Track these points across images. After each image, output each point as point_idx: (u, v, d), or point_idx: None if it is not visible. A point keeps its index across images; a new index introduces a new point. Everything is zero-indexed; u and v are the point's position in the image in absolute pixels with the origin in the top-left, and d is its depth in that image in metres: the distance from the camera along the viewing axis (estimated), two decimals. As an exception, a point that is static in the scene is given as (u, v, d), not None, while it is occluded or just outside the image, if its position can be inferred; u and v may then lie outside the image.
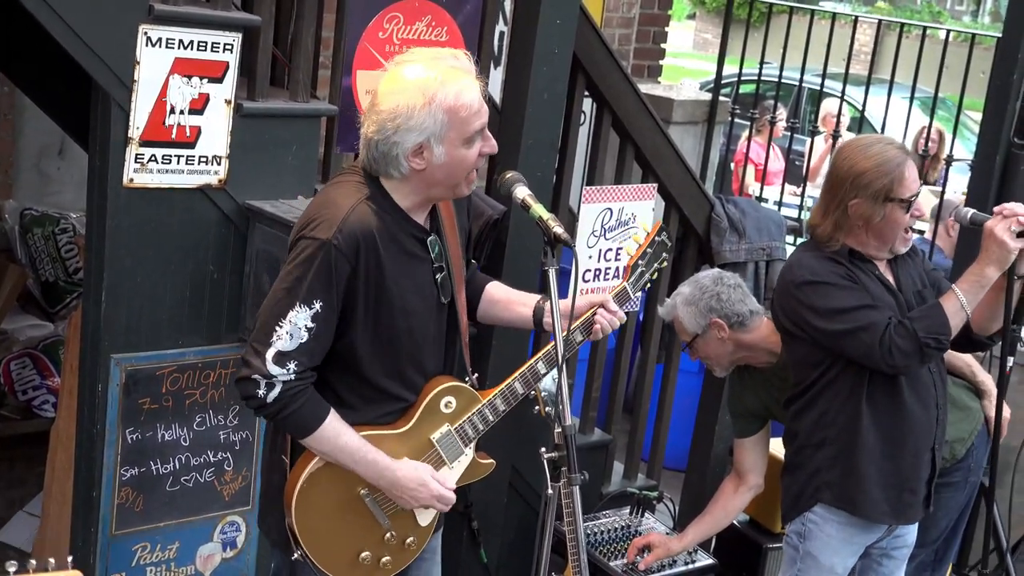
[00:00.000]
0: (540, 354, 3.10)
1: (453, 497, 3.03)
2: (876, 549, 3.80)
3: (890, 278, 3.62)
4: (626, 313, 4.72)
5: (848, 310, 3.49)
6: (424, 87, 2.77)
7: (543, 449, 2.93)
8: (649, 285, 3.39)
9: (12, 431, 5.11)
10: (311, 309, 2.77)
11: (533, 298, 3.24)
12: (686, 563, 4.31)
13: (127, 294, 3.55)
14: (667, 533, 4.37)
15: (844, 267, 3.54)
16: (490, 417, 3.08)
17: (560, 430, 2.90)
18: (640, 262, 3.32)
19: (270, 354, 2.77)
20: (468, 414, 3.06)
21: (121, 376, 3.59)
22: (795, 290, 3.58)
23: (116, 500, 3.67)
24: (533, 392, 3.22)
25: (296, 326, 2.77)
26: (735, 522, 4.46)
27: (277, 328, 2.77)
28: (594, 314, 3.16)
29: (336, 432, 2.87)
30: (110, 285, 3.52)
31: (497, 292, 3.29)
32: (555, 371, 3.05)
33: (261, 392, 2.80)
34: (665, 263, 3.39)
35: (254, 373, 2.79)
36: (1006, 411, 4.11)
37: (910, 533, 3.83)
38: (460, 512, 4.27)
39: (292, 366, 2.79)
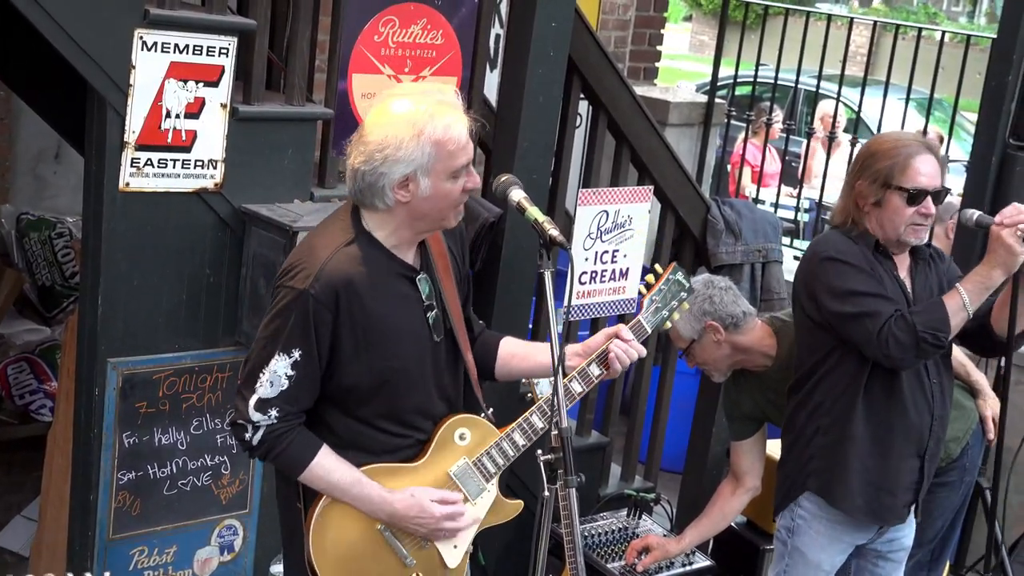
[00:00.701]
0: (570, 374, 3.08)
1: (462, 511, 2.99)
2: (869, 550, 3.81)
3: (908, 283, 3.61)
4: (620, 316, 4.75)
5: (859, 294, 3.48)
6: (414, 120, 2.78)
7: (540, 451, 2.92)
8: (668, 325, 3.32)
9: (9, 435, 5.12)
10: (290, 358, 2.80)
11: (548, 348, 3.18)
12: (684, 565, 4.31)
13: (123, 298, 3.55)
14: (664, 535, 4.37)
15: (868, 255, 3.54)
16: (510, 452, 3.06)
17: (557, 432, 2.90)
18: (655, 297, 3.26)
19: (252, 401, 2.82)
20: (486, 447, 3.04)
21: (118, 380, 3.59)
22: (817, 263, 3.58)
23: (113, 504, 3.67)
24: (530, 395, 3.22)
25: (276, 374, 2.81)
26: (733, 524, 4.46)
27: (260, 376, 2.82)
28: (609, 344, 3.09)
29: (327, 470, 2.88)
30: (106, 289, 3.52)
31: (515, 347, 3.24)
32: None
33: (248, 436, 2.85)
34: (685, 303, 3.31)
35: (239, 418, 2.85)
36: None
37: (906, 536, 3.83)
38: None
39: (274, 412, 2.82)
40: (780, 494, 3.81)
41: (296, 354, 2.80)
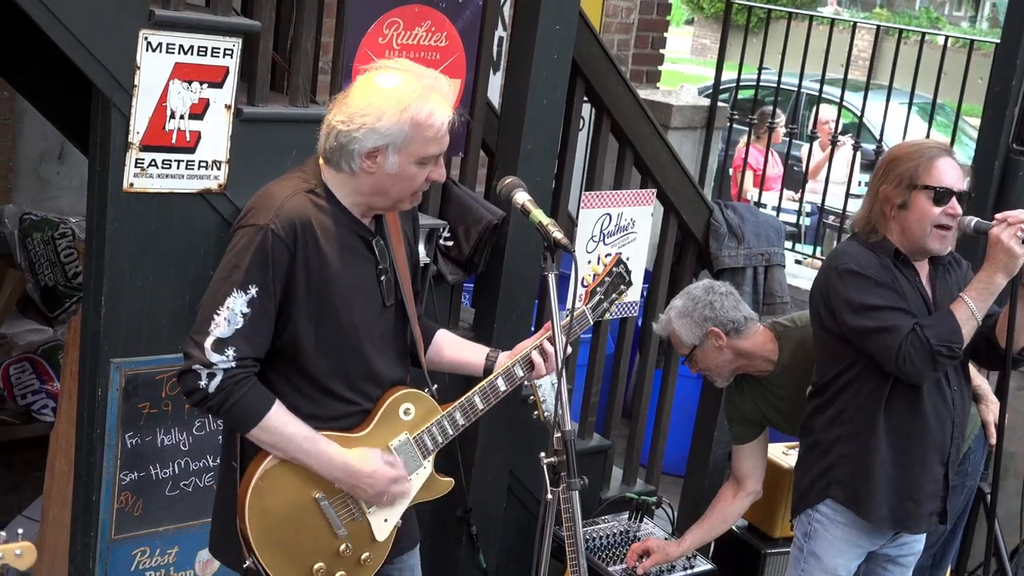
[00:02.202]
0: (500, 370, 3.11)
1: (408, 481, 3.01)
2: (881, 555, 3.80)
3: (929, 291, 3.60)
4: (623, 319, 4.75)
5: (878, 308, 3.48)
6: (401, 96, 2.81)
7: (542, 454, 2.93)
8: (605, 315, 3.43)
9: (11, 436, 5.11)
10: (247, 294, 2.78)
11: (483, 349, 3.25)
12: (685, 568, 4.32)
13: (127, 299, 3.55)
14: (665, 538, 4.37)
15: (888, 265, 3.53)
16: (449, 430, 3.06)
17: (559, 435, 2.91)
18: (599, 289, 3.38)
19: (208, 342, 2.78)
20: (427, 424, 3.04)
21: (121, 381, 3.59)
22: (836, 277, 3.57)
23: (115, 505, 3.67)
24: (532, 397, 3.23)
25: (233, 312, 2.78)
26: (734, 527, 4.47)
27: (215, 317, 2.79)
28: (534, 349, 3.12)
29: (283, 422, 2.85)
30: (110, 290, 3.51)
31: (449, 339, 3.29)
32: (554, 376, 3.05)
33: (203, 383, 2.80)
34: (623, 294, 3.43)
35: (194, 364, 2.80)
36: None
37: (918, 541, 3.83)
38: (459, 517, 4.27)
39: (231, 352, 2.78)
40: (797, 497, 3.80)
41: (253, 290, 2.78)
